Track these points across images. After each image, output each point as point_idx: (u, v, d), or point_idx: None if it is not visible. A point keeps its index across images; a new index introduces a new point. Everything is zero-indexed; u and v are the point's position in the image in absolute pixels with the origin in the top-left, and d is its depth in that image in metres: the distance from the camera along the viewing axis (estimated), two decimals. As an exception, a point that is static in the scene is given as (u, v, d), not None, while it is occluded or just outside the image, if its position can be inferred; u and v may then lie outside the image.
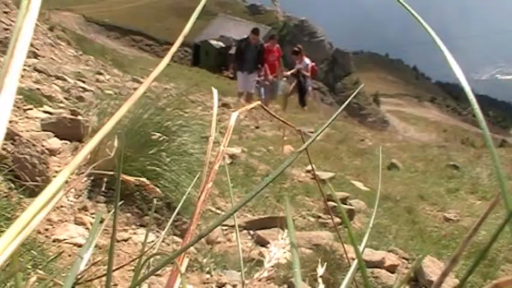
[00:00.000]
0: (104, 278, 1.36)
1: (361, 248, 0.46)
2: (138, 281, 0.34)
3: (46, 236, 1.76)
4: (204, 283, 1.90)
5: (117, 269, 1.34)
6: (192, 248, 1.99)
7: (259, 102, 0.50)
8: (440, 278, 0.26)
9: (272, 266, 0.57)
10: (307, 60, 11.30)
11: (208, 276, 1.94)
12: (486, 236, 3.03)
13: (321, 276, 0.62)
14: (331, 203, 3.23)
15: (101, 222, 2.04)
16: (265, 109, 0.50)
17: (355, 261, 0.40)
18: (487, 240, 0.26)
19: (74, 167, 0.20)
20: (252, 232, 2.68)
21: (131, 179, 2.07)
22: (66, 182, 0.22)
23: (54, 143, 2.54)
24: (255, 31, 10.35)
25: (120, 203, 2.10)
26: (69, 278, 0.37)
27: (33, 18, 0.20)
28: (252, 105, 0.51)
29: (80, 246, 1.78)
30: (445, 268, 0.26)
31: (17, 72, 0.19)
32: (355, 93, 0.69)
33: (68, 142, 2.65)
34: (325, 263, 1.98)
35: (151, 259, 0.61)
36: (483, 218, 0.25)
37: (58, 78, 4.81)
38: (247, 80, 10.08)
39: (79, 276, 0.46)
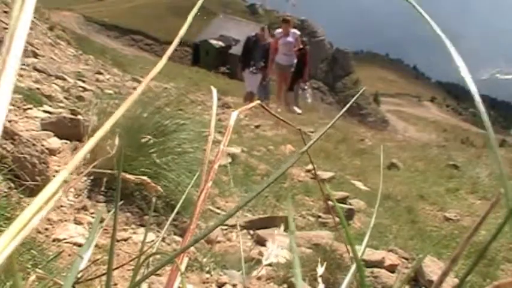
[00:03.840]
0: (103, 278, 1.36)
1: (362, 248, 0.46)
2: (138, 281, 0.34)
3: (46, 236, 1.76)
4: (204, 283, 1.90)
5: (116, 268, 1.34)
6: (191, 248, 1.99)
7: (259, 102, 0.50)
8: (440, 277, 0.26)
9: (270, 265, 0.57)
10: (297, 32, 9.54)
11: (208, 275, 1.94)
12: (486, 235, 3.02)
13: (320, 276, 0.62)
14: (331, 203, 3.23)
15: (101, 221, 2.05)
16: (266, 109, 0.49)
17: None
18: (487, 240, 0.26)
19: (73, 167, 0.20)
20: (251, 232, 2.68)
21: (131, 177, 2.07)
22: (66, 181, 0.21)
23: (54, 142, 2.54)
24: (265, 28, 9.76)
25: (120, 202, 2.10)
26: (69, 277, 0.37)
27: (29, 13, 0.20)
28: (251, 105, 0.51)
29: (79, 245, 1.78)
30: (445, 268, 0.26)
31: (13, 69, 0.19)
32: (356, 96, 0.69)
33: (68, 142, 2.65)
34: (325, 263, 1.98)
35: (152, 258, 0.61)
36: (483, 217, 0.25)
37: (58, 77, 4.81)
38: (253, 80, 9.55)
39: (79, 275, 0.46)
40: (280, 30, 9.43)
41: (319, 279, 0.61)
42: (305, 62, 9.69)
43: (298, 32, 9.65)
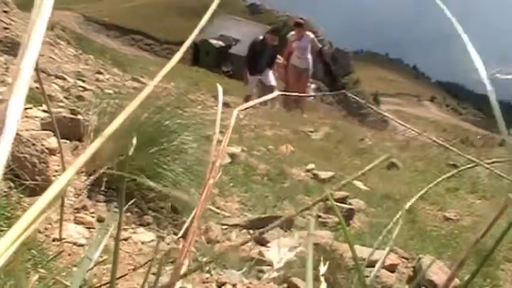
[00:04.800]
0: (105, 278, 1.36)
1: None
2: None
3: (46, 235, 1.76)
4: (204, 282, 1.90)
5: (121, 277, 1.34)
6: (191, 248, 1.99)
7: (258, 101, 0.50)
8: (446, 282, 0.26)
9: (270, 265, 0.57)
10: (311, 35, 9.37)
11: (208, 275, 1.94)
12: (487, 237, 3.02)
13: (322, 275, 0.62)
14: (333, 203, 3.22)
15: (102, 221, 2.05)
16: (263, 109, 0.49)
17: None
18: (488, 241, 0.26)
19: (75, 170, 0.20)
20: (251, 232, 2.68)
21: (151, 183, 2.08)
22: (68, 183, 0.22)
23: (54, 142, 2.54)
24: (275, 31, 9.44)
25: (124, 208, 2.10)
26: (76, 279, 0.37)
27: (43, 23, 0.20)
28: (251, 104, 0.51)
29: (80, 245, 1.78)
30: (451, 272, 0.26)
31: (27, 77, 0.19)
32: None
33: (68, 141, 2.65)
34: (326, 262, 1.98)
35: (155, 259, 0.61)
36: (492, 223, 0.25)
37: (58, 77, 4.81)
38: (267, 76, 9.27)
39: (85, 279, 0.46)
40: (293, 32, 9.29)
41: (322, 279, 0.61)
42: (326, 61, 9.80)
43: (312, 35, 9.52)
